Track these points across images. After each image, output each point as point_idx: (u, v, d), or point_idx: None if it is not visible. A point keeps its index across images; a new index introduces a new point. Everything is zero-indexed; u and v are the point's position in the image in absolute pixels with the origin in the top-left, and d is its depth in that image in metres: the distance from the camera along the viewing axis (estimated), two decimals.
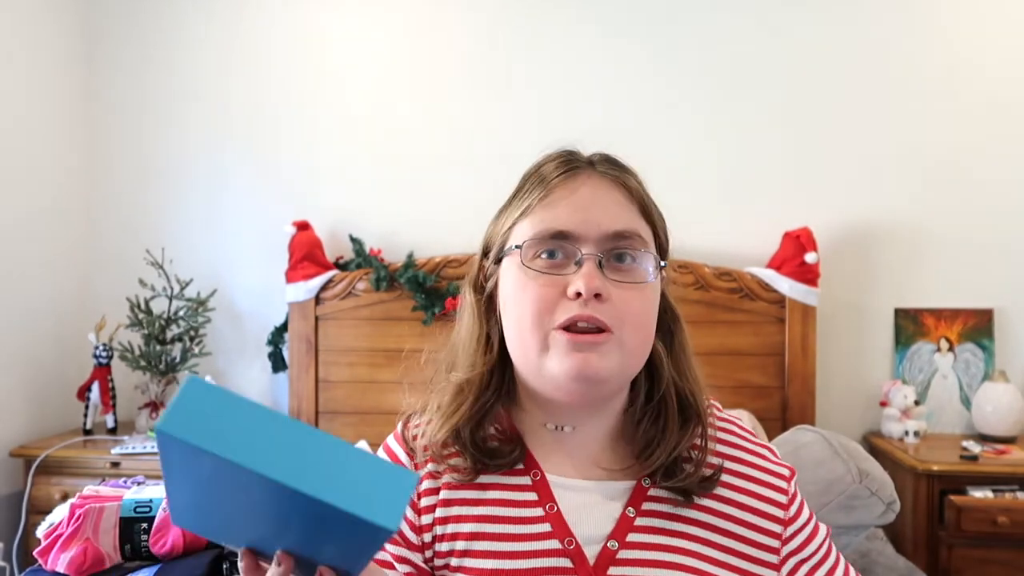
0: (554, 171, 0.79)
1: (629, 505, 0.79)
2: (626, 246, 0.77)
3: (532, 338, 0.76)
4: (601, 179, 0.79)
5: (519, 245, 0.78)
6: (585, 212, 0.76)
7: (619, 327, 0.75)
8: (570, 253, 0.76)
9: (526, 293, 0.76)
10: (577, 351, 0.74)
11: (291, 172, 2.82)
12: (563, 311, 0.74)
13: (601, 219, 0.76)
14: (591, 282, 0.73)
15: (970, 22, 2.61)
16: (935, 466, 2.19)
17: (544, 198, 0.78)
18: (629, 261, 0.77)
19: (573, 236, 0.76)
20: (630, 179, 0.81)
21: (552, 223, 0.76)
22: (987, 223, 2.59)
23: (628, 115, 2.69)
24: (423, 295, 2.58)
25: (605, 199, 0.78)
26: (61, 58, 2.77)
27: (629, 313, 0.75)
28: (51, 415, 2.69)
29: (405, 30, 2.79)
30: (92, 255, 2.88)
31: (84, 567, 1.26)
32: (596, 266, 0.75)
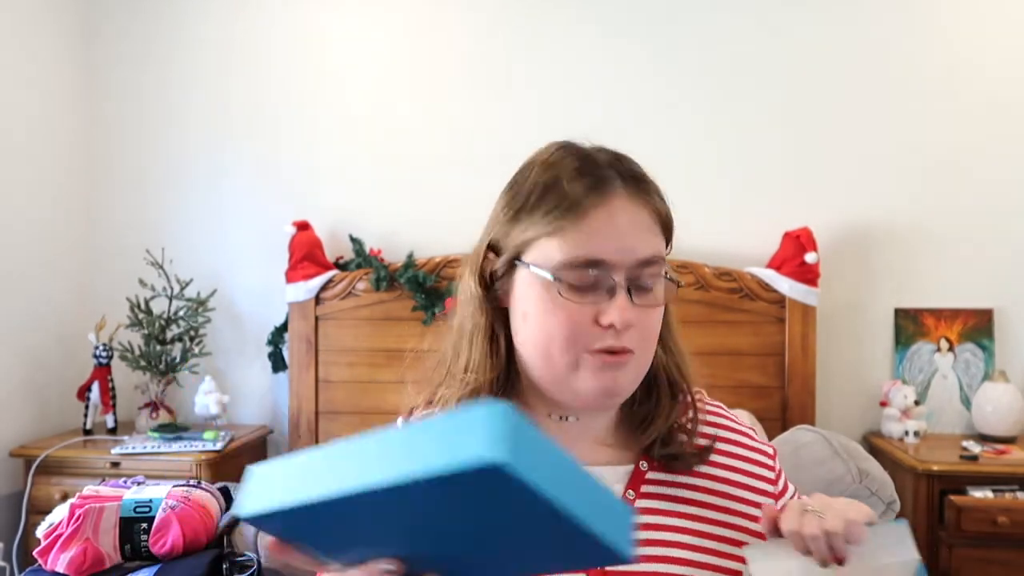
0: (583, 189, 0.76)
1: (629, 488, 0.81)
2: (652, 272, 0.77)
3: (562, 359, 0.77)
4: (631, 201, 0.77)
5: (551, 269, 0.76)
6: (621, 240, 0.76)
7: (639, 348, 0.77)
8: (602, 279, 0.76)
9: (556, 317, 0.76)
10: (606, 371, 0.76)
11: (291, 172, 2.82)
12: (595, 338, 0.76)
13: (635, 246, 0.76)
14: (625, 315, 0.75)
15: (970, 22, 2.61)
16: (935, 466, 2.19)
17: (578, 221, 0.75)
18: (651, 284, 0.78)
19: (607, 264, 0.75)
20: (655, 196, 0.80)
21: (589, 251, 0.75)
22: (987, 223, 2.59)
23: (628, 115, 2.69)
24: (423, 295, 2.58)
25: (638, 225, 0.77)
26: (61, 58, 2.77)
27: (647, 335, 0.78)
28: (51, 415, 2.69)
29: (405, 30, 2.79)
30: (92, 255, 2.88)
31: (84, 567, 1.26)
32: (627, 295, 0.76)
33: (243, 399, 2.83)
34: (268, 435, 2.78)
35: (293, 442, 2.68)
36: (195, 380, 2.71)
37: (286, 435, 2.75)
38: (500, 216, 0.82)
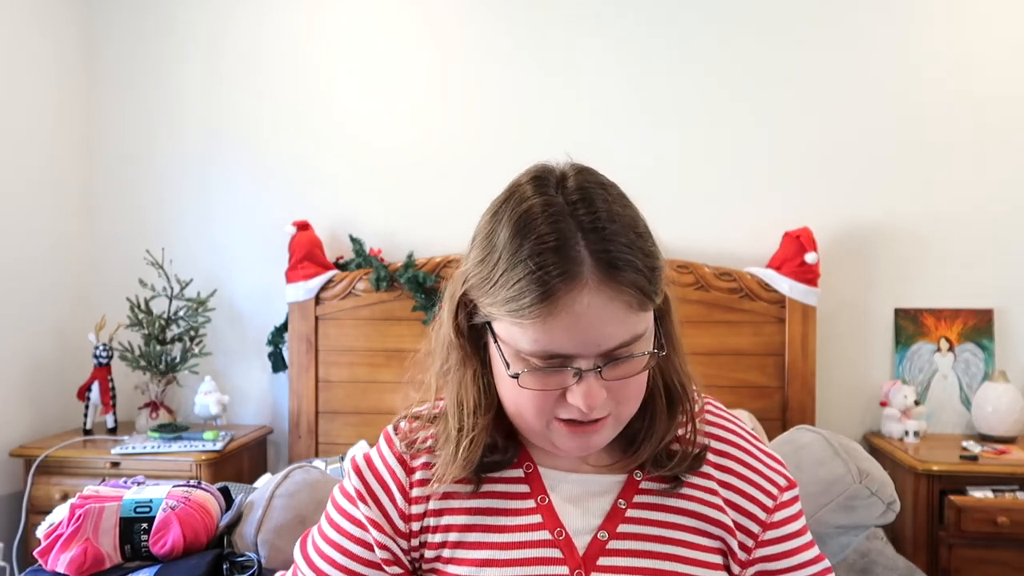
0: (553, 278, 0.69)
1: (620, 497, 0.81)
2: (625, 352, 0.73)
3: (534, 425, 0.77)
4: (601, 294, 0.70)
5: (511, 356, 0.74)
6: (586, 335, 0.70)
7: (616, 408, 0.76)
8: (567, 362, 0.72)
9: (522, 397, 0.75)
10: (578, 437, 0.76)
11: (291, 172, 2.83)
12: (563, 411, 0.75)
13: (602, 340, 0.71)
14: (591, 400, 0.72)
15: (970, 22, 2.61)
16: (935, 466, 2.19)
17: (544, 319, 0.70)
18: (625, 360, 0.73)
19: (571, 356, 0.72)
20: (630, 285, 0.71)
21: (552, 347, 0.71)
22: (987, 223, 2.60)
23: (628, 115, 2.69)
24: (423, 295, 2.58)
25: (606, 318, 0.70)
26: (61, 59, 2.77)
27: (627, 396, 0.76)
28: (51, 415, 2.69)
29: (405, 31, 2.79)
30: (92, 255, 2.89)
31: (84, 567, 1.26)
32: (596, 377, 0.72)
33: (243, 399, 2.83)
34: (268, 435, 2.78)
35: (293, 442, 2.68)
36: (195, 380, 2.71)
37: (286, 435, 2.75)
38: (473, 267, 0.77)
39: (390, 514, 0.82)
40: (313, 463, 2.12)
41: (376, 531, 0.82)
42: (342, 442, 2.59)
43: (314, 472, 1.42)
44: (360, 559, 0.82)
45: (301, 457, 2.63)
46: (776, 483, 0.84)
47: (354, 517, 0.83)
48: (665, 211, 0.79)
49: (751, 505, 0.82)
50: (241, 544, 1.31)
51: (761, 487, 0.83)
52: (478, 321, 0.78)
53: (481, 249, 0.76)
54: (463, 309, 0.79)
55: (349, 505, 0.84)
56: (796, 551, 0.84)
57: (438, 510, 0.82)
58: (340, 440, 2.63)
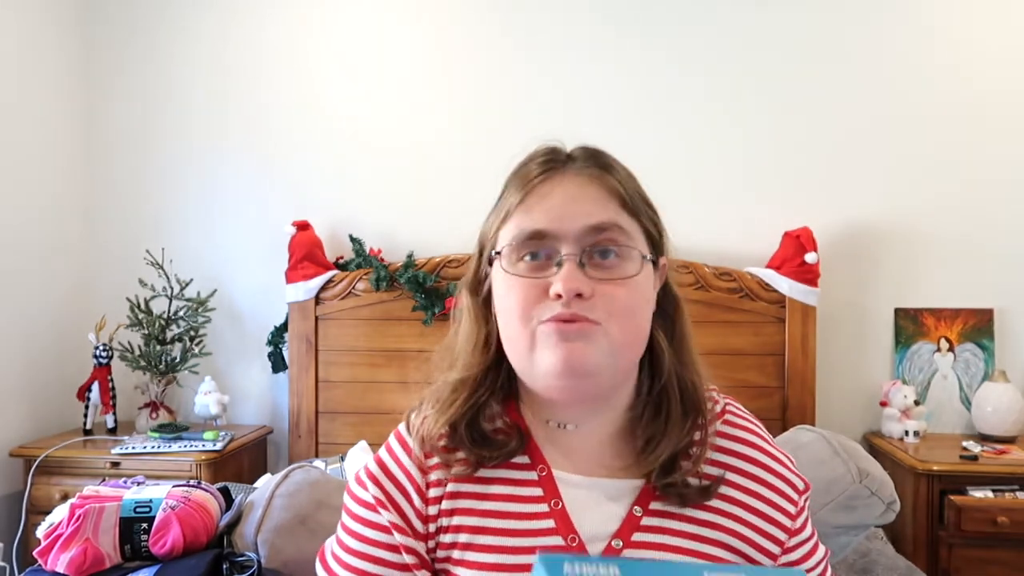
0: (533, 172, 0.79)
1: (636, 504, 0.78)
2: (606, 240, 0.75)
3: (520, 336, 0.76)
4: (578, 176, 0.78)
5: (499, 251, 0.78)
6: (561, 209, 0.75)
7: (606, 320, 0.74)
8: (551, 253, 0.75)
9: (511, 296, 0.76)
10: (564, 340, 0.73)
11: (291, 172, 2.83)
12: (547, 309, 0.74)
13: (577, 214, 0.75)
14: (569, 283, 0.73)
15: (970, 22, 2.61)
16: (935, 466, 2.19)
17: (522, 201, 0.77)
18: (612, 257, 0.75)
19: (551, 235, 0.75)
20: (609, 173, 0.79)
21: (529, 224, 0.76)
22: (987, 223, 2.60)
23: (628, 115, 2.69)
24: (423, 295, 2.58)
25: (582, 196, 0.76)
26: (61, 58, 2.77)
27: (615, 308, 0.74)
28: (51, 415, 2.69)
29: (405, 31, 2.79)
30: (92, 255, 2.89)
31: (84, 567, 1.26)
32: (576, 265, 0.74)
33: (243, 399, 2.83)
34: (268, 435, 2.78)
35: (293, 442, 2.68)
36: (195, 380, 2.71)
37: (286, 435, 2.75)
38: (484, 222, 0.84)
39: (409, 517, 0.81)
40: (313, 463, 2.12)
41: (400, 535, 0.80)
42: (342, 442, 2.59)
43: (314, 472, 1.42)
44: (390, 563, 0.80)
45: (301, 457, 2.63)
46: (796, 487, 0.83)
47: (377, 524, 0.81)
48: (665, 211, 0.79)
49: (778, 513, 0.80)
50: (241, 544, 1.31)
51: (786, 494, 0.82)
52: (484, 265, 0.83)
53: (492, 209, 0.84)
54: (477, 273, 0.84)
55: (369, 513, 0.82)
56: (812, 552, 0.84)
57: (451, 510, 0.80)
58: (340, 440, 2.62)
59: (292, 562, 1.26)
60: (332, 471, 2.09)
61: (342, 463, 2.21)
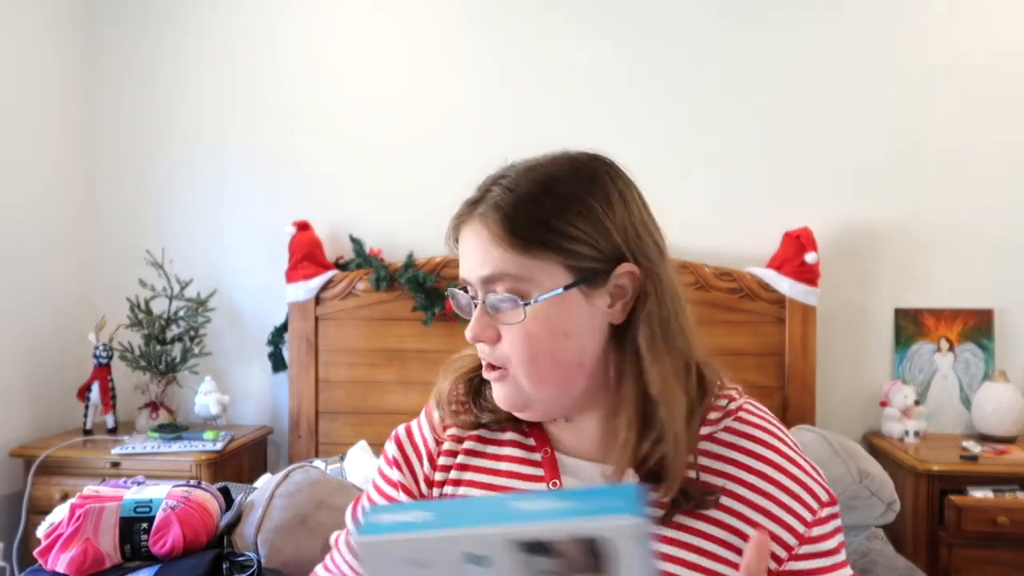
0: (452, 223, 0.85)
1: None
2: (490, 291, 0.78)
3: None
4: (470, 224, 0.81)
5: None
6: (465, 262, 0.81)
7: (511, 364, 0.79)
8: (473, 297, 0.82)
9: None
10: (495, 386, 0.81)
11: (291, 172, 2.83)
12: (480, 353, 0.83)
13: (474, 267, 0.79)
14: (470, 331, 0.80)
15: (969, 22, 2.61)
16: (935, 466, 2.19)
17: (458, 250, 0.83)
18: (497, 303, 0.78)
19: (469, 284, 0.81)
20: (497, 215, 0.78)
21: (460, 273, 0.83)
22: (987, 223, 2.60)
23: (629, 116, 2.69)
24: (423, 295, 2.58)
25: (474, 245, 0.80)
26: (61, 58, 2.78)
27: (511, 352, 0.78)
28: (51, 415, 2.69)
29: (405, 31, 2.79)
30: (92, 255, 2.88)
31: (84, 567, 1.26)
32: (484, 311, 0.79)
33: (243, 399, 2.83)
34: (268, 435, 2.78)
35: (293, 442, 2.68)
36: (195, 380, 2.71)
37: (286, 435, 2.75)
38: None
39: (419, 479, 0.87)
40: (313, 463, 2.12)
41: (405, 496, 0.87)
42: (342, 442, 2.59)
43: (314, 472, 1.42)
44: None
45: (301, 457, 2.63)
46: (818, 497, 0.79)
47: (390, 480, 0.89)
48: (665, 211, 0.79)
49: (789, 516, 0.78)
50: (241, 544, 1.31)
51: (801, 499, 0.78)
52: None
53: None
54: None
55: (388, 468, 0.89)
56: (831, 568, 0.80)
57: (456, 480, 0.85)
58: (340, 440, 2.62)
59: (292, 562, 1.26)
60: (332, 471, 2.09)
61: (342, 463, 2.21)
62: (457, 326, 2.58)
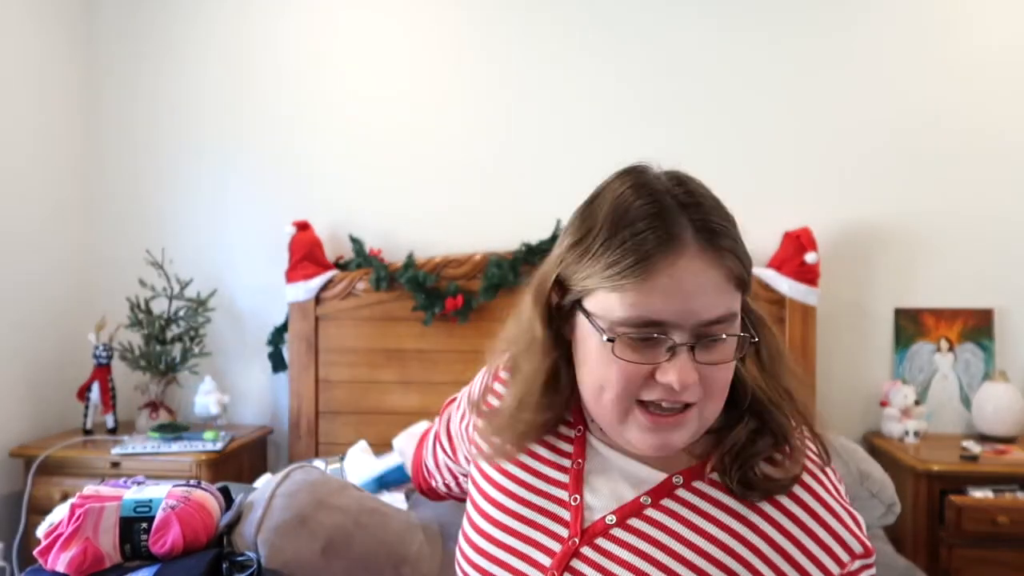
0: (650, 245, 0.70)
1: (647, 494, 0.78)
2: (720, 331, 0.72)
3: (613, 409, 0.74)
4: (701, 258, 0.71)
5: (608, 326, 0.72)
6: (685, 303, 0.70)
7: (702, 401, 0.73)
8: (662, 340, 0.71)
9: (611, 370, 0.73)
10: (657, 431, 0.73)
11: (291, 172, 2.83)
12: (650, 391, 0.72)
13: (700, 309, 0.70)
14: (684, 377, 0.70)
15: (972, 23, 2.61)
16: (935, 466, 2.19)
17: (641, 281, 0.70)
18: (720, 342, 0.72)
19: (668, 325, 0.71)
20: (728, 253, 0.74)
21: (648, 312, 0.70)
22: (987, 223, 2.59)
23: (627, 116, 2.69)
24: (423, 295, 2.58)
25: (706, 286, 0.71)
26: (61, 58, 2.77)
27: (715, 389, 0.73)
28: (51, 415, 2.69)
29: (405, 31, 2.79)
30: (92, 255, 2.88)
31: (84, 567, 1.26)
32: (690, 356, 0.71)
33: (243, 399, 2.83)
34: (268, 435, 2.78)
35: (293, 442, 2.68)
36: (195, 380, 2.71)
37: (286, 435, 2.75)
38: (567, 250, 0.77)
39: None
40: (313, 463, 2.12)
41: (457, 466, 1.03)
42: (342, 442, 2.59)
43: (314, 472, 1.42)
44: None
45: (301, 457, 2.63)
46: (849, 548, 0.74)
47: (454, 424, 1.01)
48: None
49: (810, 564, 0.73)
50: (241, 543, 1.31)
51: (830, 549, 0.74)
52: (568, 301, 0.77)
53: (576, 231, 0.78)
54: (553, 293, 0.79)
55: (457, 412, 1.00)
56: None
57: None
58: (340, 440, 2.62)
59: (292, 562, 1.25)
60: (332, 471, 2.09)
61: (342, 463, 2.21)
62: (457, 327, 2.59)
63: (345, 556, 1.27)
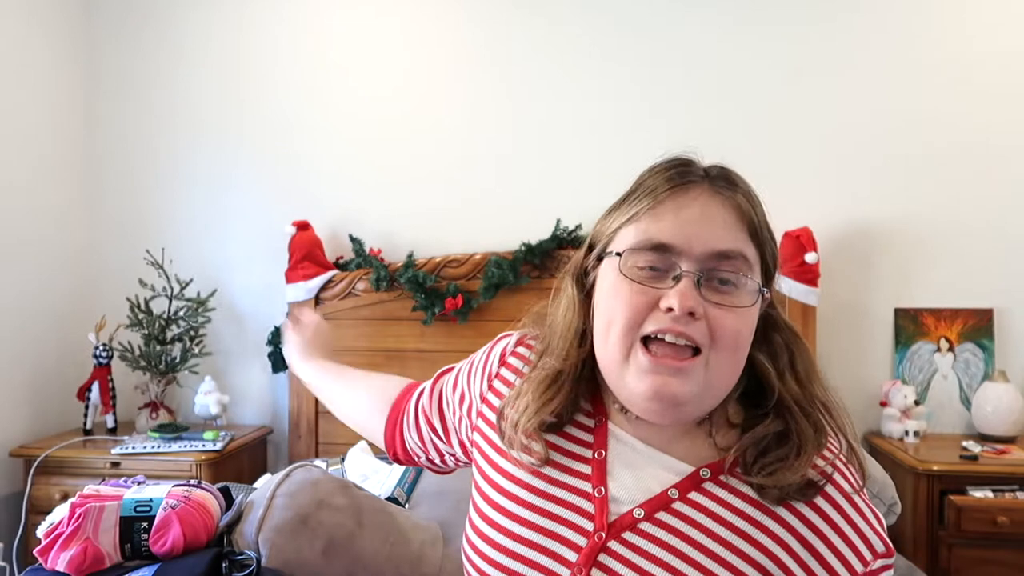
0: (666, 181, 0.78)
1: (676, 487, 0.77)
2: (728, 268, 0.74)
3: (618, 344, 0.75)
4: (712, 196, 0.77)
5: (620, 252, 0.77)
6: (690, 227, 0.74)
7: (708, 346, 0.73)
8: (669, 267, 0.74)
9: (619, 299, 0.75)
10: (656, 373, 0.73)
11: (291, 172, 2.83)
12: (653, 322, 0.73)
13: (707, 237, 0.74)
14: (685, 300, 0.71)
15: (972, 23, 2.61)
16: (935, 466, 2.19)
17: (652, 208, 0.76)
18: (730, 284, 0.74)
19: (674, 250, 0.74)
20: (742, 198, 0.79)
21: (655, 234, 0.75)
22: (987, 223, 2.59)
23: (627, 115, 2.69)
24: (423, 295, 2.58)
25: (713, 217, 0.75)
26: (61, 58, 2.78)
27: (722, 334, 0.73)
28: (51, 415, 2.69)
29: (405, 31, 2.79)
30: (92, 255, 2.88)
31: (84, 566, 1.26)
32: (694, 284, 0.73)
33: (243, 399, 2.83)
34: (268, 435, 2.78)
35: (293, 442, 2.68)
36: (195, 380, 2.71)
37: (286, 435, 2.75)
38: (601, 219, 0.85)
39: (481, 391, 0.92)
40: (314, 463, 2.12)
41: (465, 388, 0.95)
42: (342, 442, 2.59)
43: (315, 471, 1.42)
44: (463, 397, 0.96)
45: (301, 457, 2.63)
46: (872, 547, 0.75)
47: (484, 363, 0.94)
48: None
49: (835, 560, 0.73)
50: (242, 543, 1.31)
51: (855, 546, 0.74)
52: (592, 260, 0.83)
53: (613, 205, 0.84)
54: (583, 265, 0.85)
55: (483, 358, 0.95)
56: None
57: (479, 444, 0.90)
58: (340, 440, 2.62)
59: (293, 562, 1.25)
60: (332, 471, 2.09)
61: (342, 463, 2.21)
62: (457, 327, 2.59)
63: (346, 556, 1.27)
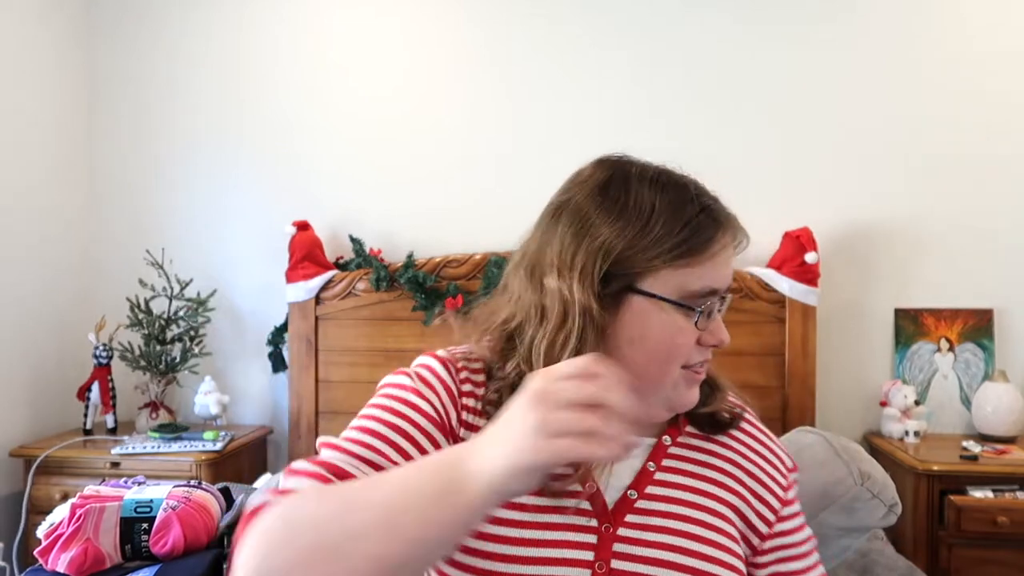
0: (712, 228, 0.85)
1: (650, 460, 0.87)
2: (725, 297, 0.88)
3: (672, 374, 0.84)
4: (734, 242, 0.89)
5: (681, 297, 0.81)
6: (728, 272, 0.86)
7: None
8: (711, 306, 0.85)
9: (682, 339, 0.82)
10: (695, 385, 0.87)
11: (291, 172, 2.82)
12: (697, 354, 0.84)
13: (728, 279, 0.87)
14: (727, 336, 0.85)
15: (972, 23, 2.61)
16: (935, 466, 2.19)
17: (709, 257, 0.83)
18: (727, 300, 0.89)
19: (719, 292, 0.85)
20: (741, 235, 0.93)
21: (714, 283, 0.83)
22: (987, 223, 2.59)
23: (627, 116, 2.69)
24: (423, 295, 2.58)
25: (732, 256, 0.88)
26: (61, 58, 2.77)
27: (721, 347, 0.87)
28: (51, 415, 2.69)
29: (405, 31, 2.79)
30: (92, 255, 2.88)
31: (84, 567, 1.26)
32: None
33: (243, 399, 2.83)
34: (268, 435, 2.78)
35: (293, 442, 2.68)
36: (195, 380, 2.71)
37: (286, 435, 2.75)
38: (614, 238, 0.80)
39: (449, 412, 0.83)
40: None
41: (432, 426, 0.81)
42: None
43: None
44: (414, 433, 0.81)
45: (301, 457, 2.63)
46: (786, 464, 0.94)
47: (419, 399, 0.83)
48: None
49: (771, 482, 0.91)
50: None
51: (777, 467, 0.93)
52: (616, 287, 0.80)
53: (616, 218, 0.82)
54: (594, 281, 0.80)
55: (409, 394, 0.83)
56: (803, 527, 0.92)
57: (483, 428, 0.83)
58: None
59: None
60: None
61: None
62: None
63: None
